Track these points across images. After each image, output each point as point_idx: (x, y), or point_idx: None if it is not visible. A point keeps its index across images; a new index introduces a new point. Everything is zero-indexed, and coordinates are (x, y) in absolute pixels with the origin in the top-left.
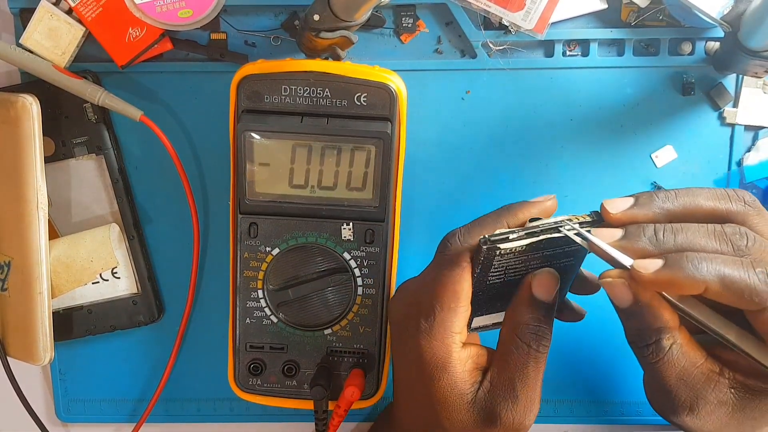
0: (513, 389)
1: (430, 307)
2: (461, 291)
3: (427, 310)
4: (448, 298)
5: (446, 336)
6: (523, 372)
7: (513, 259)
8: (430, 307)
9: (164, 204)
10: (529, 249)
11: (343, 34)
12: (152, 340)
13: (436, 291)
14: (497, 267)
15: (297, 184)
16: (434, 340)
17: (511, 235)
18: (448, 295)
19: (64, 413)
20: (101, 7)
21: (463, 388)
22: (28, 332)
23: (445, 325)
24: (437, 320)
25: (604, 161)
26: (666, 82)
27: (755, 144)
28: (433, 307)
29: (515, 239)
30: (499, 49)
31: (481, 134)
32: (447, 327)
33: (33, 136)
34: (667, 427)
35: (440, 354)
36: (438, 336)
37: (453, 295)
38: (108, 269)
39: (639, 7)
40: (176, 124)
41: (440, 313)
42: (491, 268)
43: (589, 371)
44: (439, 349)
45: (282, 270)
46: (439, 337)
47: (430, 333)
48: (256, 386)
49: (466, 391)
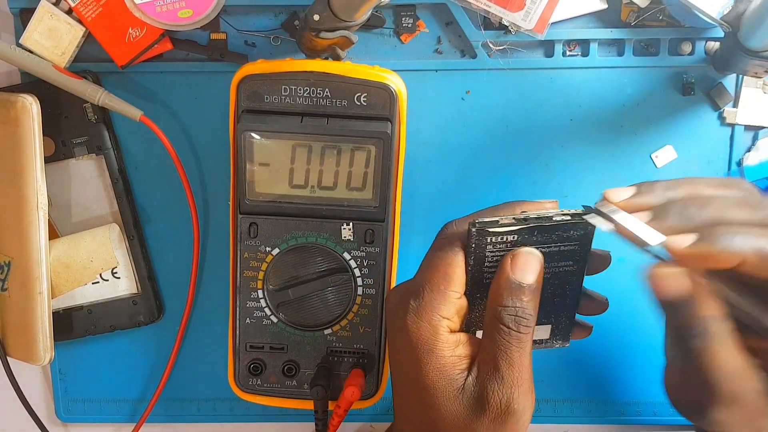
0: (498, 370)
1: (419, 288)
2: (452, 274)
3: (416, 290)
4: (437, 279)
5: (433, 317)
6: (507, 353)
7: (506, 251)
8: (420, 288)
9: (164, 204)
10: (521, 241)
11: (343, 34)
12: (152, 340)
13: (427, 273)
14: (490, 259)
15: (297, 184)
16: (421, 320)
17: (501, 221)
18: (438, 276)
19: (64, 413)
20: (101, 7)
21: (451, 373)
22: (28, 332)
23: (432, 305)
24: (425, 300)
25: (604, 161)
26: (666, 82)
27: (755, 144)
28: (422, 287)
29: (505, 224)
30: (499, 49)
31: (481, 134)
32: (434, 308)
33: (33, 136)
34: (667, 427)
35: (426, 335)
36: (425, 316)
37: (443, 277)
38: (108, 269)
39: (639, 7)
40: (176, 124)
41: (429, 293)
42: (485, 260)
43: (590, 371)
44: (425, 330)
45: (282, 270)
46: (425, 317)
47: (417, 312)
48: (256, 386)
49: (455, 377)
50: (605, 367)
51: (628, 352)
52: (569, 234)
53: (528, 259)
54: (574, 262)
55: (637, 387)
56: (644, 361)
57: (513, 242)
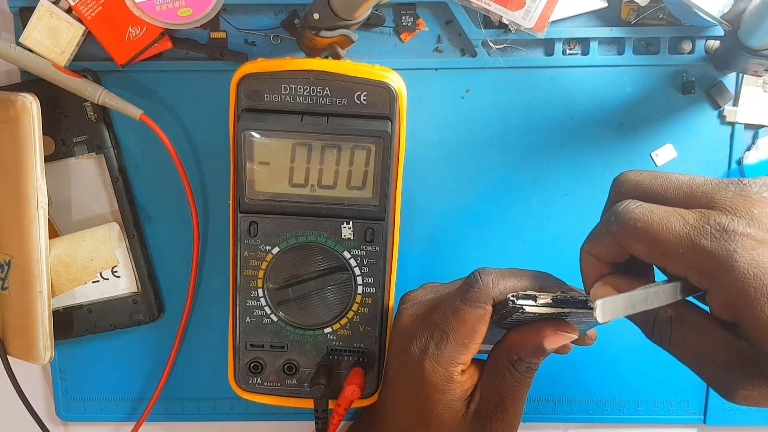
0: (503, 404)
1: (443, 336)
2: (478, 331)
3: (439, 337)
4: (463, 334)
5: (451, 365)
6: (513, 390)
7: (532, 319)
8: (444, 336)
9: (164, 203)
10: (549, 316)
11: (343, 32)
12: (152, 339)
13: (454, 323)
14: (514, 319)
15: (297, 183)
16: (439, 366)
17: (539, 299)
18: (464, 332)
19: (65, 412)
20: (101, 6)
21: (457, 405)
22: (28, 331)
23: (453, 357)
24: (447, 350)
25: (604, 160)
26: (666, 81)
27: (755, 143)
28: (447, 336)
29: (541, 305)
30: (499, 48)
31: (481, 133)
32: (455, 359)
33: (33, 135)
34: (666, 425)
35: (442, 379)
36: (444, 363)
37: (469, 333)
38: (108, 268)
39: (639, 6)
40: (176, 123)
41: (452, 345)
42: (510, 317)
43: (590, 370)
44: (442, 375)
45: (282, 269)
46: (444, 365)
47: (437, 359)
48: (256, 385)
49: (460, 407)
50: (605, 366)
51: (628, 351)
52: (591, 320)
53: (564, 339)
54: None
55: (637, 386)
56: (644, 360)
57: (542, 315)
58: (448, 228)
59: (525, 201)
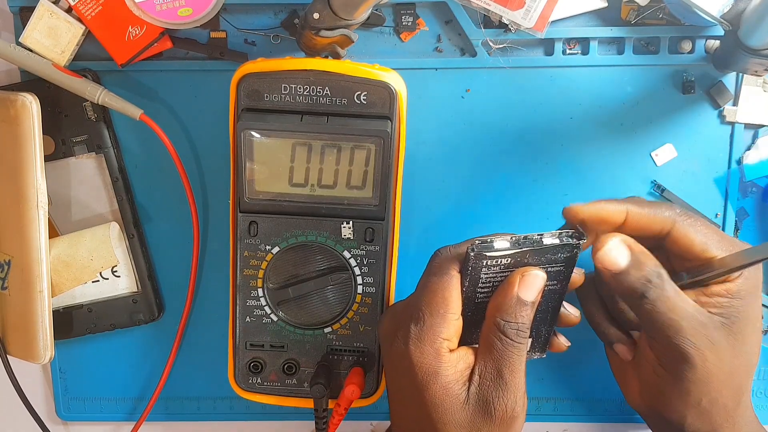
0: (501, 377)
1: (419, 313)
2: (450, 297)
3: (416, 316)
4: (437, 304)
5: (435, 340)
6: (509, 361)
7: (499, 274)
8: (419, 313)
9: (164, 203)
10: (513, 264)
11: (342, 32)
12: (152, 338)
13: (426, 297)
14: (484, 281)
15: (297, 182)
16: (424, 345)
17: (496, 243)
18: (437, 301)
19: (65, 411)
20: (101, 6)
21: (455, 389)
22: (28, 331)
23: (434, 330)
24: (426, 325)
25: (604, 159)
26: (666, 81)
27: (755, 142)
28: (422, 312)
29: (501, 248)
30: (499, 48)
31: (481, 133)
32: (436, 332)
33: (33, 135)
34: None
35: (430, 359)
36: (427, 340)
37: (442, 301)
38: (108, 268)
39: (639, 6)
40: (176, 123)
41: (429, 318)
42: (479, 281)
43: (589, 370)
44: (428, 354)
45: (282, 268)
46: (428, 341)
47: (419, 337)
48: (256, 385)
49: (459, 392)
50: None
51: None
52: (557, 256)
53: (535, 279)
54: (558, 281)
55: None
56: None
57: (506, 265)
58: (448, 228)
59: (525, 201)
